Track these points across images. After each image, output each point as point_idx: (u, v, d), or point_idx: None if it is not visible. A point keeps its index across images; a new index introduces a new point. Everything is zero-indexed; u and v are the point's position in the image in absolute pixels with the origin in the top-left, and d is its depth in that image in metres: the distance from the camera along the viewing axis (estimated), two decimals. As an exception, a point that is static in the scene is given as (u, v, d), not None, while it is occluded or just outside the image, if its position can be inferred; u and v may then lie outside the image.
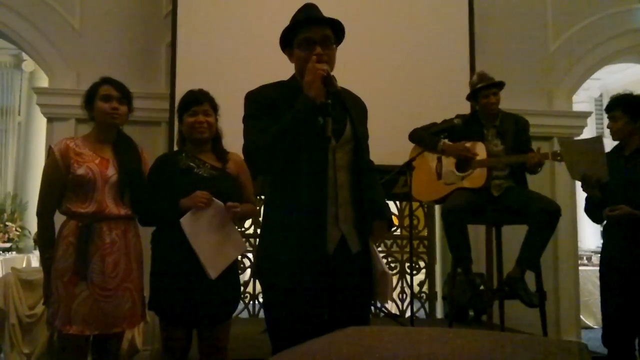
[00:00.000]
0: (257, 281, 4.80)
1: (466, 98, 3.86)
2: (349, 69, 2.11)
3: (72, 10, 4.68)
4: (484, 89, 3.67)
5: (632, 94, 3.24)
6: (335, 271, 2.03)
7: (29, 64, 8.12)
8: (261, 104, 2.13)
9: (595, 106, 9.17)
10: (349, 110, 2.17)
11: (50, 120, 4.61)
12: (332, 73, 2.06)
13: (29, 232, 7.66)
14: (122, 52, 4.67)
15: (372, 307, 4.26)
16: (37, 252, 7.22)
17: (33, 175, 7.93)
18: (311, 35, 2.10)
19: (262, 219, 2.27)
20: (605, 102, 10.33)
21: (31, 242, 7.62)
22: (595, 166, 3.08)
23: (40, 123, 7.42)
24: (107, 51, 4.65)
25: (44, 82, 5.25)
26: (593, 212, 3.24)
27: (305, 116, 2.00)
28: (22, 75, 8.37)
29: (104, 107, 2.69)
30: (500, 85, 3.70)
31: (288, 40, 2.17)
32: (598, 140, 3.16)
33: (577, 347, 0.91)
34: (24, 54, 7.54)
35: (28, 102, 8.31)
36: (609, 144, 3.25)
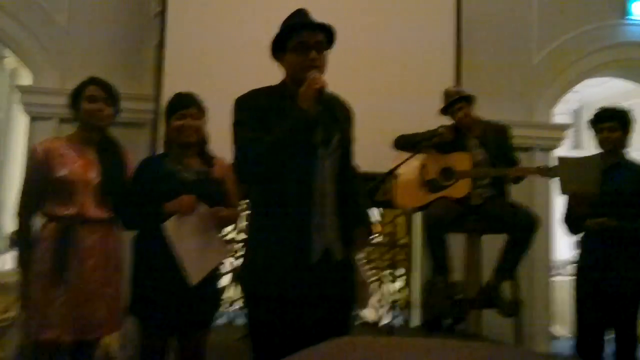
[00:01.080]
0: (233, 288, 4.81)
1: (440, 113, 3.89)
2: (334, 75, 2.14)
3: (59, 8, 4.64)
4: (450, 107, 3.73)
5: (622, 108, 3.31)
6: (319, 280, 2.05)
7: (10, 61, 8.00)
8: (251, 110, 2.14)
9: (574, 118, 9.31)
10: (337, 118, 2.19)
11: (32, 119, 4.56)
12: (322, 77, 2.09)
13: (5, 232, 7.54)
14: (108, 52, 4.64)
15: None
16: (11, 253, 7.10)
17: (10, 175, 7.81)
18: (306, 40, 2.13)
19: (248, 227, 2.28)
20: (584, 114, 10.47)
21: (5, 243, 7.50)
22: (588, 182, 3.12)
23: (20, 121, 7.31)
24: (93, 50, 4.61)
25: (26, 80, 5.19)
26: (572, 223, 3.30)
27: (300, 129, 2.02)
28: (3, 72, 8.25)
29: (89, 108, 2.66)
30: (466, 98, 3.74)
31: (280, 45, 2.19)
32: (596, 158, 3.20)
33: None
34: (5, 51, 7.46)
35: (9, 100, 8.18)
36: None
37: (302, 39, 2.13)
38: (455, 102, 3.72)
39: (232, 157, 2.16)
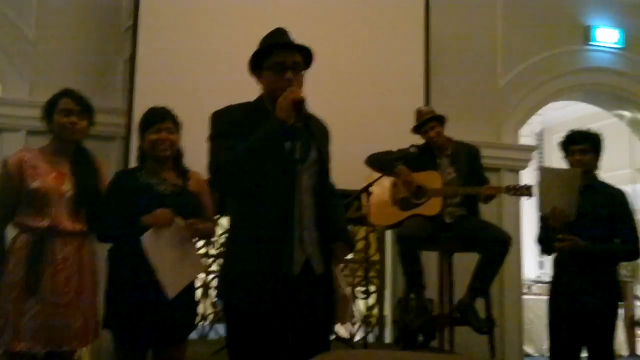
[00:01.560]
0: (206, 302, 4.75)
1: (412, 132, 3.95)
2: (308, 93, 2.15)
3: (27, 20, 4.54)
4: (422, 126, 3.79)
5: (592, 131, 3.35)
6: (299, 293, 2.03)
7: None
8: (228, 123, 2.14)
9: (536, 140, 9.55)
10: (314, 134, 2.21)
11: (0, 130, 4.45)
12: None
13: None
14: (78, 65, 4.56)
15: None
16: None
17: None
18: (283, 59, 2.14)
19: (227, 241, 2.27)
20: (546, 137, 10.68)
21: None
22: (566, 200, 3.14)
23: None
24: (63, 63, 4.53)
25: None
26: (545, 243, 3.34)
27: (274, 137, 2.03)
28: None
29: (63, 122, 2.63)
30: (438, 118, 3.81)
31: (257, 63, 2.20)
32: (576, 173, 3.21)
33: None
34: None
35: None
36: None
37: (279, 59, 2.14)
38: (428, 121, 3.78)
39: (207, 169, 2.14)
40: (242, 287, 2.07)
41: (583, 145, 3.27)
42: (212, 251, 4.78)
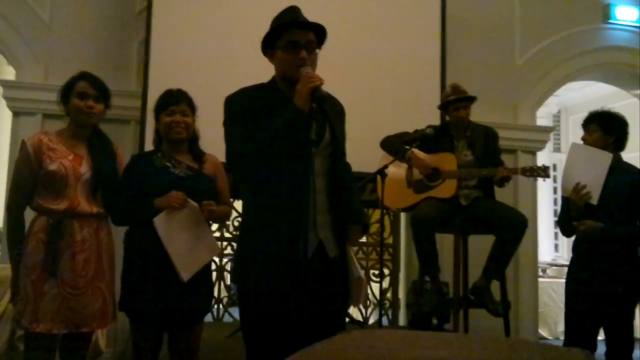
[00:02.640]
0: (222, 285, 4.78)
1: (438, 107, 3.94)
2: (323, 76, 2.13)
3: (42, 3, 4.57)
4: (455, 102, 3.75)
5: (609, 111, 3.34)
6: (313, 276, 2.03)
7: (-11, 57, 7.87)
8: (242, 108, 2.13)
9: (553, 122, 9.44)
10: (328, 115, 2.19)
11: (16, 114, 4.48)
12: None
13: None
14: (93, 48, 4.58)
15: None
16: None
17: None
18: (297, 38, 2.12)
19: (241, 224, 2.27)
20: (563, 118, 10.58)
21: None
22: (592, 180, 3.12)
23: (3, 117, 7.20)
24: (77, 46, 4.55)
25: (5, 75, 5.10)
26: (567, 224, 3.32)
27: (294, 127, 2.01)
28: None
29: (79, 105, 2.63)
30: (471, 99, 3.78)
31: (270, 42, 2.18)
32: (607, 156, 3.18)
33: (584, 355, 0.94)
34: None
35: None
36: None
37: (293, 38, 2.12)
38: (462, 100, 3.74)
39: (224, 154, 2.14)
40: (255, 271, 2.08)
41: (589, 125, 3.29)
42: (227, 234, 4.80)
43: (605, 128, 3.25)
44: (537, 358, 0.90)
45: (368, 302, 4.95)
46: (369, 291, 4.95)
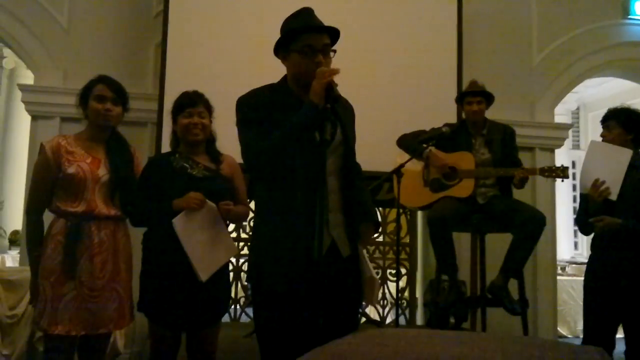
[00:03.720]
0: (239, 285, 4.81)
1: (455, 100, 3.92)
2: (338, 75, 2.14)
3: (60, 8, 4.63)
4: (469, 95, 3.74)
5: (629, 108, 3.31)
6: (326, 276, 2.03)
7: (9, 61, 8.00)
8: (255, 108, 2.13)
9: (572, 119, 9.35)
10: (339, 115, 2.19)
11: (34, 118, 4.55)
12: None
13: (4, 231, 7.52)
14: (110, 52, 4.63)
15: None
16: (12, 252, 7.09)
17: (12, 174, 7.80)
18: (313, 43, 2.12)
19: (254, 224, 2.29)
20: (582, 115, 10.48)
21: (6, 242, 7.49)
22: (611, 177, 3.10)
23: (21, 120, 7.32)
24: (95, 50, 4.61)
25: (24, 80, 5.18)
26: (585, 222, 3.29)
27: (310, 123, 2.02)
28: (2, 72, 8.23)
29: (98, 108, 2.66)
30: (486, 94, 3.76)
31: (284, 44, 2.18)
32: (627, 153, 3.15)
33: (599, 353, 0.94)
34: (4, 50, 7.44)
35: (7, 99, 8.17)
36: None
37: (309, 42, 2.11)
38: (477, 94, 3.73)
39: (240, 155, 2.16)
40: (269, 270, 2.08)
41: (608, 122, 3.28)
42: (243, 235, 4.83)
43: (624, 125, 3.23)
44: (549, 356, 0.89)
45: (385, 301, 4.95)
46: (387, 290, 4.95)
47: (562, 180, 3.64)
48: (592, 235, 3.31)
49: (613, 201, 3.11)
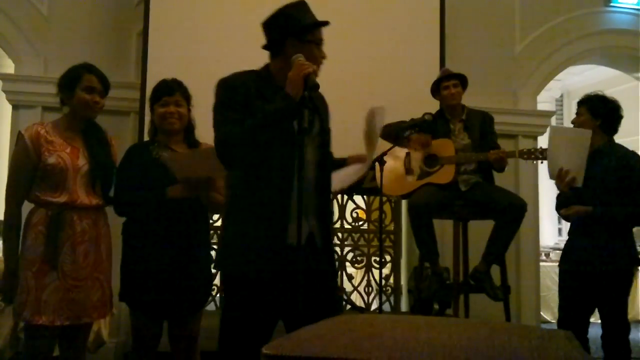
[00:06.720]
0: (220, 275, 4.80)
1: (430, 92, 3.92)
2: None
3: (39, -5, 4.57)
4: (444, 80, 3.76)
5: (598, 94, 3.35)
6: (302, 264, 2.03)
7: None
8: (234, 92, 2.13)
9: (555, 106, 9.41)
10: (316, 106, 2.20)
11: (15, 107, 4.50)
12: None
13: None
14: (91, 40, 4.58)
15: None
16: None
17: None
18: (320, 37, 2.21)
19: (227, 211, 2.28)
20: (566, 102, 10.55)
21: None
22: (575, 162, 3.14)
23: (1, 110, 7.22)
24: (76, 38, 4.55)
25: (4, 69, 5.11)
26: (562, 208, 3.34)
27: (284, 114, 2.03)
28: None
29: (86, 99, 2.62)
30: (460, 77, 3.77)
31: (298, 34, 2.17)
32: (585, 134, 3.19)
33: (565, 335, 0.96)
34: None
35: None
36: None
37: (319, 36, 2.20)
38: (449, 77, 3.74)
39: (214, 139, 2.15)
40: (243, 258, 2.09)
41: (579, 108, 3.35)
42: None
43: (592, 111, 3.27)
44: (517, 341, 0.91)
45: (370, 288, 4.97)
46: (371, 277, 4.97)
47: (542, 162, 3.67)
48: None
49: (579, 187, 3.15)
